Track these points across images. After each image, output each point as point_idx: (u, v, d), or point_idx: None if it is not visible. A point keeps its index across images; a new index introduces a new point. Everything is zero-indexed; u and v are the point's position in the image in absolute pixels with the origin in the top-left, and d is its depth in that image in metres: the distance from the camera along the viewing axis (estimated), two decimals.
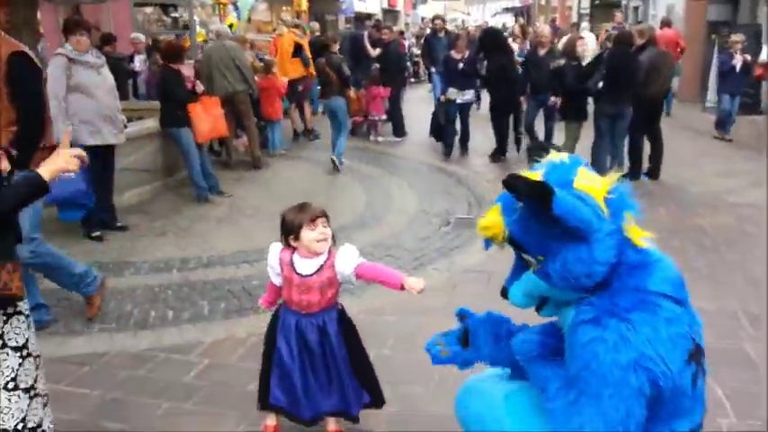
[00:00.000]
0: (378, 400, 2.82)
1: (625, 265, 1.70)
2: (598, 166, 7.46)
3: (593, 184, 1.69)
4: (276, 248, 2.69)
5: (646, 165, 7.93)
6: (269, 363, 2.73)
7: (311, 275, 2.58)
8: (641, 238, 1.74)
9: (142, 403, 3.15)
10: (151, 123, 7.20)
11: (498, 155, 9.05)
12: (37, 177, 2.01)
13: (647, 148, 7.88)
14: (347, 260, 2.59)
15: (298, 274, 2.59)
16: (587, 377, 1.62)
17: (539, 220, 1.67)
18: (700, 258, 5.10)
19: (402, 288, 2.50)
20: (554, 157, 1.81)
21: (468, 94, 9.37)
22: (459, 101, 9.12)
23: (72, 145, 5.68)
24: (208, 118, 7.15)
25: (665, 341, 1.62)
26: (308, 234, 2.53)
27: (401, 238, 5.76)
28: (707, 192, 7.22)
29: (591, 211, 1.63)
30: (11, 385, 2.11)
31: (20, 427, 2.14)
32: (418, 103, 12.95)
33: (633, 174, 7.82)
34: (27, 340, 2.15)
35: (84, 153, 2.12)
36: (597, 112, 7.51)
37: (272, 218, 2.64)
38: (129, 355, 3.62)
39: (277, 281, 2.70)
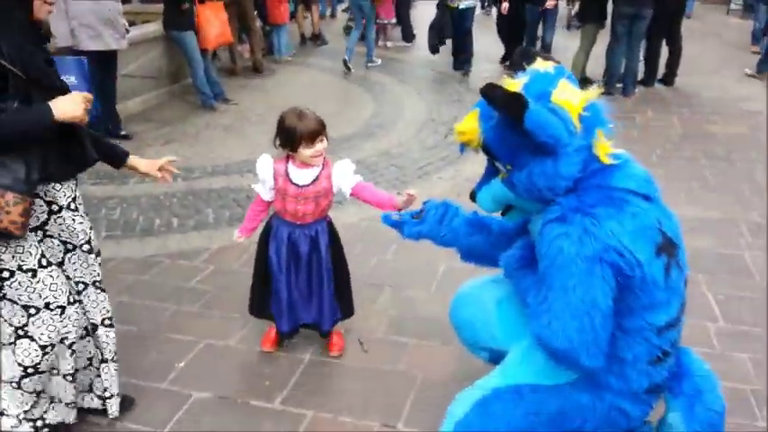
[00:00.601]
0: (348, 312, 2.89)
1: (588, 171, 1.73)
2: (612, 71, 7.26)
3: (570, 99, 1.69)
4: (267, 161, 2.60)
5: (661, 71, 7.70)
6: (264, 272, 2.77)
7: (308, 186, 2.56)
8: (608, 154, 1.75)
9: (149, 306, 3.26)
10: (154, 27, 7.02)
11: (507, 60, 8.79)
12: (44, 110, 1.84)
13: (664, 53, 7.61)
14: (345, 176, 2.58)
15: (294, 184, 2.56)
16: (554, 273, 1.66)
17: (512, 131, 1.69)
18: (709, 167, 5.05)
19: (395, 208, 2.51)
20: (540, 65, 1.80)
21: None
22: (462, 6, 8.15)
23: (73, 50, 5.63)
24: (216, 23, 6.95)
25: (630, 233, 1.64)
26: (305, 150, 2.48)
27: (408, 147, 5.72)
28: (723, 99, 7.04)
29: (563, 126, 1.65)
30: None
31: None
32: (429, 6, 12.45)
33: (647, 80, 7.61)
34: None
35: (91, 96, 2.01)
36: (615, 14, 7.17)
37: None
38: (135, 261, 3.71)
39: (268, 196, 2.66)
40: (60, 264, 2.16)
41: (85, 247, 2.20)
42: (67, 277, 2.18)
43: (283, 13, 9.19)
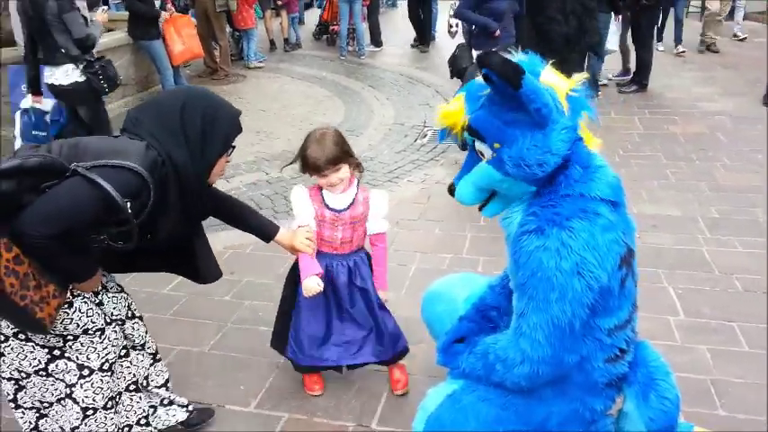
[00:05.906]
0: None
1: (575, 166, 1.76)
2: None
3: (557, 82, 1.72)
4: (302, 192, 2.48)
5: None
6: (289, 309, 2.61)
7: (345, 210, 2.43)
8: (592, 142, 1.82)
9: None
10: (121, 35, 6.98)
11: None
12: (91, 270, 1.93)
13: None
14: (377, 214, 2.49)
15: (330, 209, 2.43)
16: (535, 284, 1.72)
17: (504, 105, 1.69)
18: (670, 166, 5.20)
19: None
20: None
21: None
22: None
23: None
24: (179, 40, 6.93)
25: (601, 247, 1.71)
26: (319, 179, 2.40)
27: (378, 151, 5.79)
28: (682, 100, 7.23)
29: (552, 103, 1.67)
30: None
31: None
32: (396, 10, 12.57)
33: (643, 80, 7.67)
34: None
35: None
36: None
37: (252, 134, 2.60)
38: None
39: (311, 222, 2.48)
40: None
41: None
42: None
43: (247, 18, 9.17)
